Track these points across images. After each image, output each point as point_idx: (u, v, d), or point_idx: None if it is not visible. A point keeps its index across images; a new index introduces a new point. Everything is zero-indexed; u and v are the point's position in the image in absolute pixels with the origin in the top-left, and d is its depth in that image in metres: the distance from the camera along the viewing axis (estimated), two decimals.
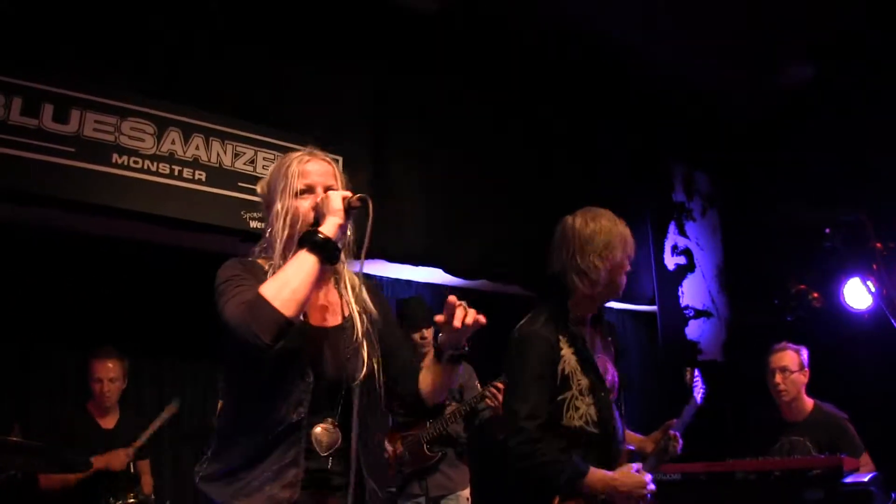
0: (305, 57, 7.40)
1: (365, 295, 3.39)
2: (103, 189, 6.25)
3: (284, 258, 3.15)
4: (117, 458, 6.45)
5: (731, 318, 10.52)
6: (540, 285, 4.36)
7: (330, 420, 3.12)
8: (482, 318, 3.10)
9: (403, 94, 7.96)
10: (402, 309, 6.69)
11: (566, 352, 4.09)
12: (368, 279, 3.50)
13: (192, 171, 6.61)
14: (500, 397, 6.01)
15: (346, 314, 3.30)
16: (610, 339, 4.50)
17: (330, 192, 3.19)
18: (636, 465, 4.14)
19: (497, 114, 8.64)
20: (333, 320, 3.26)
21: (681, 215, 10.47)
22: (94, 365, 6.64)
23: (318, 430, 3.09)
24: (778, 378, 6.52)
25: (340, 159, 7.28)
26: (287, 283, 2.93)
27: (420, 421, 6.60)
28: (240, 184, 6.83)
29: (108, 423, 6.74)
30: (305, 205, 3.21)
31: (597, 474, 4.01)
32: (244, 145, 6.89)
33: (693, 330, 10.10)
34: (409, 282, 8.65)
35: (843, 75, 9.12)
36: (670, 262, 10.13)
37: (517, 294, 8.65)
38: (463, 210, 8.20)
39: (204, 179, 6.65)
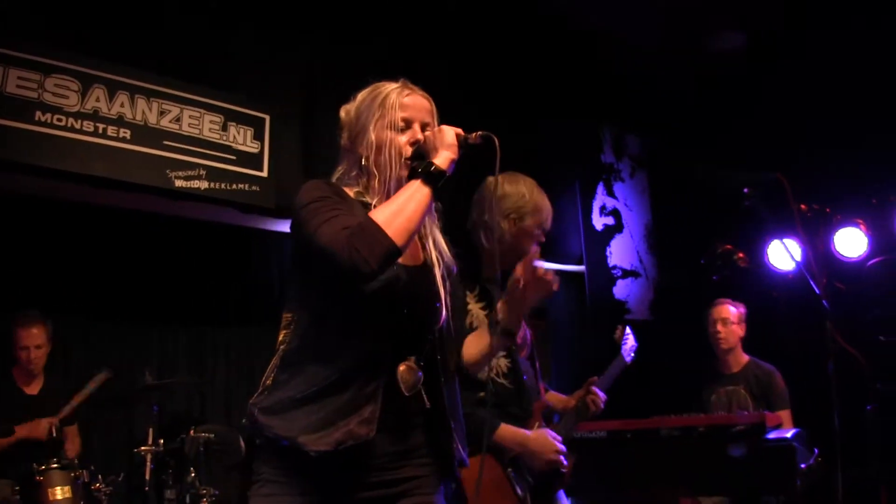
0: (235, 17, 7.31)
1: (440, 239, 3.26)
2: (26, 147, 6.13)
3: (389, 192, 3.02)
4: (39, 427, 6.39)
5: (659, 278, 10.61)
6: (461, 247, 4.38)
7: (413, 359, 2.98)
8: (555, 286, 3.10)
9: (332, 51, 7.89)
10: None
11: (474, 307, 4.15)
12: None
13: (116, 128, 6.50)
14: None
15: (424, 257, 3.17)
16: None
17: (443, 126, 3.08)
18: (551, 431, 4.19)
19: (425, 78, 8.58)
20: (415, 260, 3.12)
21: (609, 176, 10.52)
22: (18, 333, 6.57)
23: (402, 367, 2.94)
24: (719, 327, 6.92)
25: (268, 117, 7.24)
26: (402, 212, 2.80)
27: None
28: (165, 142, 6.73)
29: (33, 389, 6.68)
30: (403, 139, 3.10)
31: (508, 431, 4.06)
32: (170, 103, 6.79)
33: (621, 289, 10.18)
34: None
35: (773, 43, 9.20)
36: (598, 222, 10.18)
37: None
38: None
39: (129, 137, 6.55)
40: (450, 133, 3.02)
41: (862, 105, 8.26)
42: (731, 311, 6.95)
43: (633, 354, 5.12)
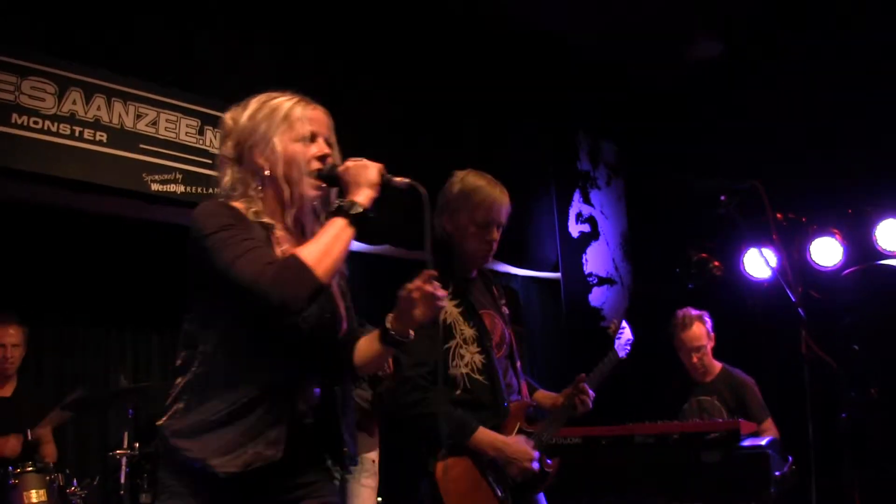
0: (211, 20, 7.29)
1: None
2: (2, 150, 6.08)
3: (290, 205, 3.09)
4: (8, 446, 6.34)
5: (634, 286, 10.63)
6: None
7: (314, 378, 3.08)
8: (442, 296, 3.14)
9: (309, 57, 7.89)
10: None
11: (448, 304, 4.12)
12: None
13: (93, 131, 6.46)
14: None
15: None
16: (503, 301, 4.56)
17: (366, 162, 3.08)
18: (526, 439, 4.20)
19: (404, 82, 8.60)
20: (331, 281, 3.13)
21: (585, 184, 10.53)
22: None
23: (303, 387, 3.03)
24: (695, 359, 6.72)
25: None
26: (329, 253, 2.86)
27: None
28: (141, 146, 6.69)
29: (6, 391, 6.65)
30: (310, 152, 3.11)
31: (486, 435, 4.07)
32: (147, 106, 6.75)
33: (596, 297, 10.20)
34: None
35: (750, 51, 9.24)
36: (574, 229, 10.19)
37: (422, 260, 8.62)
38: None
39: (105, 141, 6.50)
40: (373, 171, 3.05)
41: (838, 114, 8.31)
42: (703, 332, 6.75)
43: (628, 348, 5.08)
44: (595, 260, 10.31)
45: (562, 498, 4.97)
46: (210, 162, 6.99)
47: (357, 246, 8.25)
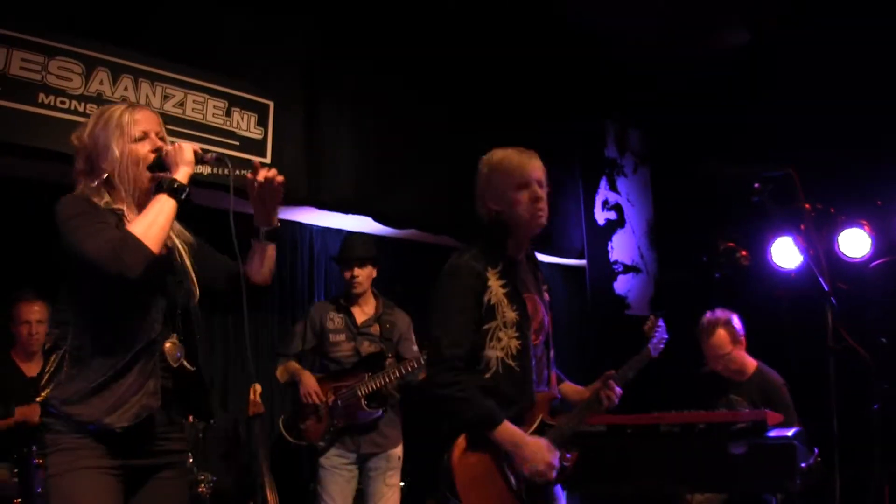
0: (242, 2, 7.29)
1: (177, 225, 3.79)
2: (29, 129, 6.07)
3: (134, 197, 3.59)
4: (35, 412, 6.34)
5: (660, 275, 10.60)
6: (469, 235, 4.39)
7: (175, 335, 3.60)
8: (279, 178, 3.79)
9: (337, 39, 7.87)
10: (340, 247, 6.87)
11: (494, 283, 4.15)
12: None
13: None
14: None
15: (169, 243, 3.68)
16: (545, 286, 4.54)
17: (182, 143, 3.61)
18: (550, 445, 4.13)
19: (431, 65, 8.57)
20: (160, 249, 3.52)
21: (612, 171, 10.51)
22: (19, 308, 6.54)
23: (168, 344, 3.55)
24: (720, 367, 6.63)
25: (272, 104, 7.20)
26: (154, 223, 3.37)
27: (358, 372, 6.52)
28: (168, 127, 6.62)
29: (32, 370, 6.62)
30: (144, 149, 3.59)
31: (508, 430, 4.00)
32: (174, 87, 6.73)
33: (621, 285, 10.17)
34: (338, 230, 8.58)
35: (778, 40, 9.18)
36: (600, 216, 10.17)
37: (447, 244, 8.61)
38: (394, 159, 8.15)
39: None
40: (188, 150, 3.59)
41: (868, 105, 8.23)
42: (725, 339, 6.55)
43: (661, 347, 4.99)
44: (621, 247, 10.28)
45: (585, 486, 4.94)
46: (238, 144, 6.99)
47: (384, 230, 8.38)
